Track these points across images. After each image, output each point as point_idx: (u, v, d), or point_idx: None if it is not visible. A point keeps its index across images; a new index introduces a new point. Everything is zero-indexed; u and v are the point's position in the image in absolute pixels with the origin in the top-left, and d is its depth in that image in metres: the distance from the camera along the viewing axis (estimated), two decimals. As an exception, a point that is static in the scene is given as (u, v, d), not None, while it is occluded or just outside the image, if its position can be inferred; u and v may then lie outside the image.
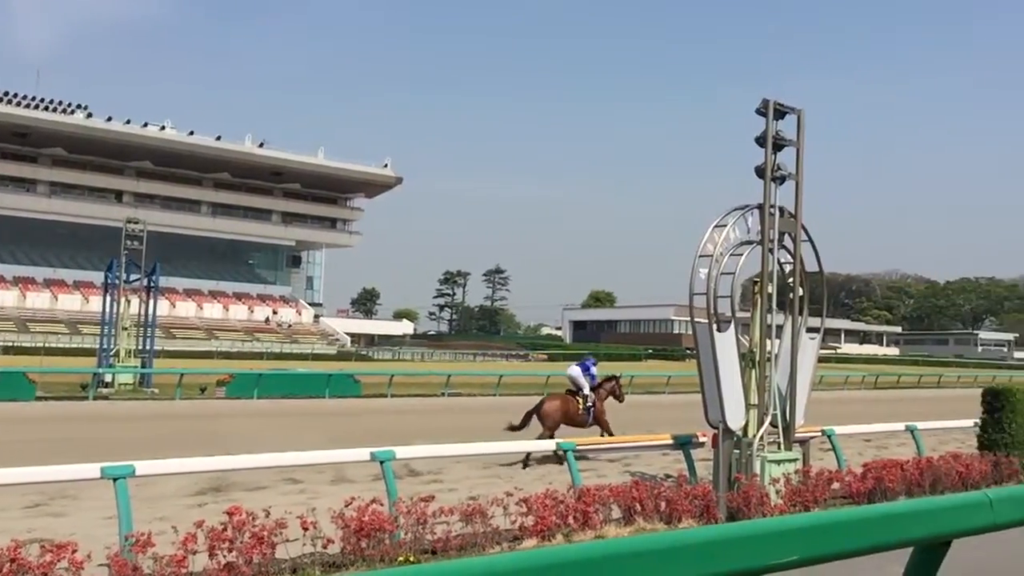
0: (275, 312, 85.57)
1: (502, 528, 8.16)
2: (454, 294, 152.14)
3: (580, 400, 15.39)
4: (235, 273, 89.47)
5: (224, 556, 6.71)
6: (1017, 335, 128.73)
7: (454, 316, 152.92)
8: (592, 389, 15.69)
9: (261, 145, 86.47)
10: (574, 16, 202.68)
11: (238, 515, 6.93)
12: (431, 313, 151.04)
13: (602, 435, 14.76)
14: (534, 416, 14.99)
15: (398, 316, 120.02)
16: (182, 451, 11.62)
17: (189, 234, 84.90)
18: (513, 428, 14.79)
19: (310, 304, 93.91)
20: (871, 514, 2.86)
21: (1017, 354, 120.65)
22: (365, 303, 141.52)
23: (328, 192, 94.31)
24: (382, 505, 7.87)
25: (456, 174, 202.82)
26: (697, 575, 2.51)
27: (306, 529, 7.23)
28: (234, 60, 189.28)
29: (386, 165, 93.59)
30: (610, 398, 16.23)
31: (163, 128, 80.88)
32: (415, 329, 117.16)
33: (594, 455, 12.97)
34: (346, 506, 7.62)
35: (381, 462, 8.78)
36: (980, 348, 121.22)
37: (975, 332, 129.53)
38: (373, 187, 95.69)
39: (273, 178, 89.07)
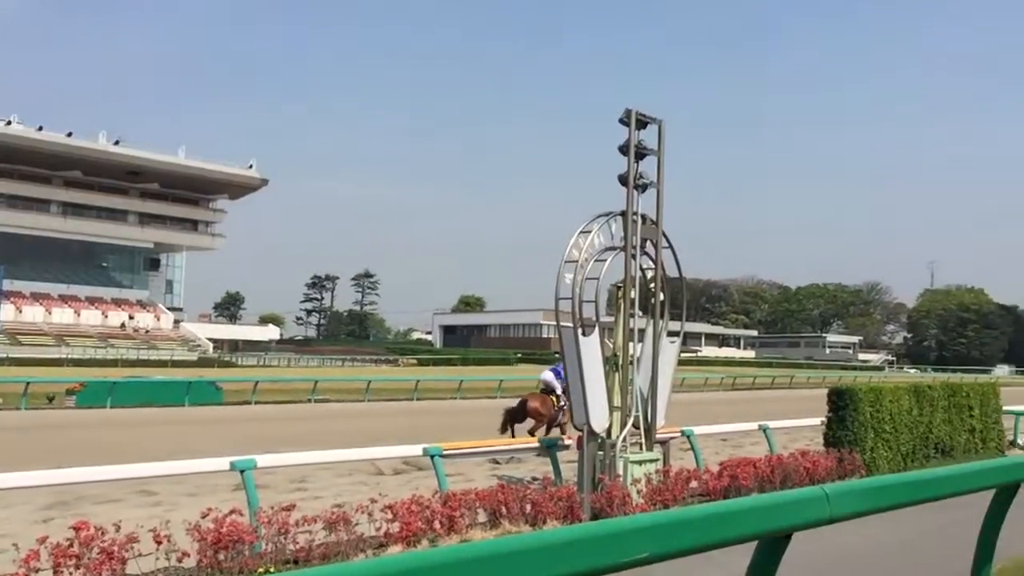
0: (131, 317, 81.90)
1: (367, 535, 8.06)
2: (322, 298, 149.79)
3: (554, 400, 16.90)
4: (88, 276, 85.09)
5: (70, 573, 6.37)
6: (861, 338, 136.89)
7: (322, 321, 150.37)
8: (563, 391, 16.26)
9: (117, 143, 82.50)
10: (445, 15, 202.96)
11: (85, 530, 6.59)
12: (298, 318, 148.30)
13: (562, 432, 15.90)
14: (517, 413, 16.92)
15: (264, 321, 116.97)
16: (26, 464, 10.94)
17: (37, 235, 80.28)
18: (502, 432, 16.49)
19: (169, 309, 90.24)
20: (718, 510, 2.98)
21: (862, 355, 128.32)
22: (229, 308, 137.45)
23: (189, 193, 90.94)
24: (242, 515, 7.64)
25: (326, 177, 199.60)
26: (557, 574, 2.56)
27: (160, 543, 6.94)
28: (91, 54, 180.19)
29: (251, 166, 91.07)
30: None
31: (8, 123, 76.08)
32: (282, 334, 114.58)
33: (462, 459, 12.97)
34: (203, 518, 7.36)
35: (241, 471, 8.52)
36: (828, 350, 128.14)
37: (824, 335, 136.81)
38: (237, 188, 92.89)
39: (130, 177, 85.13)
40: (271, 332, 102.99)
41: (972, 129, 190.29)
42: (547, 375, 17.80)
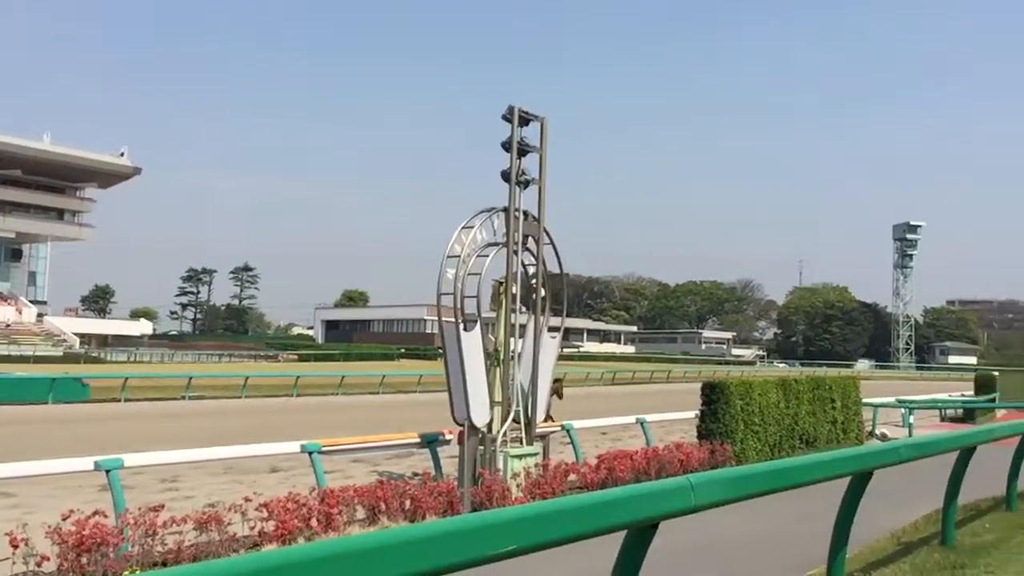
0: (-10, 310, 77.33)
1: (241, 535, 7.86)
2: (198, 292, 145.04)
3: None
4: (-59, 267, 79.83)
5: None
6: (735, 333, 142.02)
7: (198, 315, 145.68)
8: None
9: (-26, 126, 77.58)
10: (340, 15, 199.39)
11: (-68, 537, 6.20)
12: (173, 312, 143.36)
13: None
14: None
15: (135, 315, 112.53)
16: None
17: None
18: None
19: (32, 302, 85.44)
20: (587, 502, 3.04)
21: (735, 350, 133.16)
22: (98, 301, 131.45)
23: (55, 180, 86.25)
24: (107, 517, 7.33)
25: (205, 169, 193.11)
26: (432, 566, 2.56)
27: (16, 547, 6.59)
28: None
29: (122, 154, 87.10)
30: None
31: None
32: (155, 329, 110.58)
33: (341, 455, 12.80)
34: (64, 520, 7.02)
35: (107, 471, 8.17)
36: (704, 346, 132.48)
37: (700, 331, 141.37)
38: (107, 177, 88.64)
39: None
40: (143, 327, 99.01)
41: (843, 135, 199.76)
42: None
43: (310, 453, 10.05)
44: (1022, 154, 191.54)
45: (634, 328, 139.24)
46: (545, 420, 17.68)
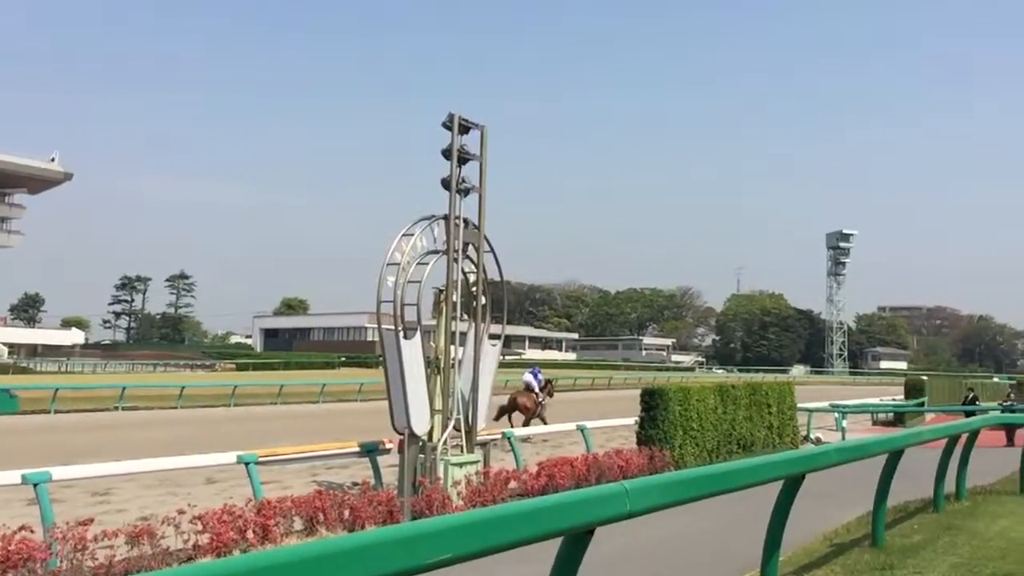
0: (-88, 320, 74.60)
1: (174, 548, 7.71)
2: (133, 300, 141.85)
3: (536, 397, 21.50)
4: None
5: None
6: (675, 340, 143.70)
7: (133, 324, 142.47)
8: (541, 389, 21.88)
9: None
10: (286, 17, 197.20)
11: None
12: (106, 321, 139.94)
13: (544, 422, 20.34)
14: (509, 409, 21.12)
15: (67, 324, 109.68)
16: None
17: None
18: (496, 419, 20.08)
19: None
20: (523, 509, 3.05)
21: (675, 357, 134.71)
22: (27, 310, 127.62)
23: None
24: (34, 532, 7.12)
25: (139, 175, 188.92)
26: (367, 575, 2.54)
27: (-63, 566, 6.37)
28: None
29: (53, 159, 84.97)
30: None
31: None
32: (87, 338, 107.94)
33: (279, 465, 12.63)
34: (-12, 536, 6.81)
35: (34, 485, 7.95)
36: (644, 352, 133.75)
37: (640, 338, 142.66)
38: (37, 182, 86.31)
39: (-91, 167, 77.56)
40: (75, 336, 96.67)
41: (767, 147, 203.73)
42: (527, 377, 22.36)
43: (246, 464, 9.89)
44: (942, 168, 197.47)
45: (575, 335, 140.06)
46: (540, 420, 20.62)
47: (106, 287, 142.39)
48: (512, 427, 18.03)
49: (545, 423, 20.35)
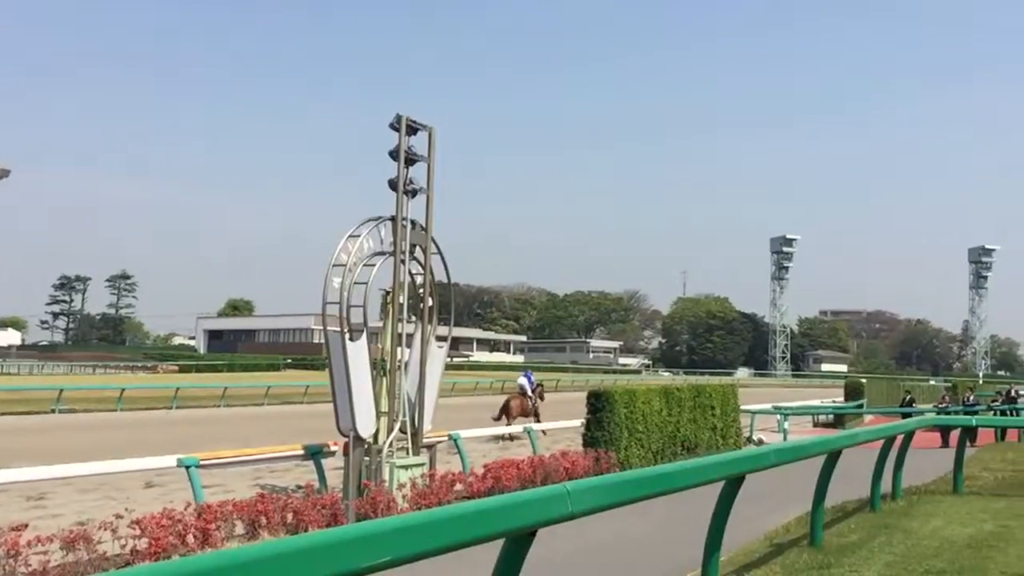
0: None
1: (111, 554, 7.55)
2: (72, 300, 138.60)
3: (529, 400, 23.11)
4: None
5: None
6: (622, 343, 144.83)
7: (72, 325, 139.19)
8: (533, 391, 23.59)
9: None
10: (226, 17, 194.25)
11: None
12: (44, 321, 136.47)
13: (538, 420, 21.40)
14: (504, 409, 22.52)
15: (2, 325, 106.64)
16: None
17: None
18: (496, 419, 21.90)
19: None
20: (464, 511, 3.05)
21: (622, 359, 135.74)
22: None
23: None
24: (-37, 539, 6.92)
25: (79, 173, 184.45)
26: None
27: None
28: None
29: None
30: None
31: None
32: (24, 339, 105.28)
33: (220, 469, 12.45)
34: (-85, 543, 6.60)
35: (-35, 490, 7.72)
36: (592, 355, 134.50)
37: (588, 340, 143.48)
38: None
39: None
40: (11, 337, 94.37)
41: (715, 151, 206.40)
42: (522, 380, 24.09)
43: (187, 467, 9.73)
44: (882, 178, 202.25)
45: (523, 337, 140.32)
46: (535, 419, 21.63)
47: (44, 287, 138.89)
48: (510, 425, 20.56)
49: (539, 421, 21.59)
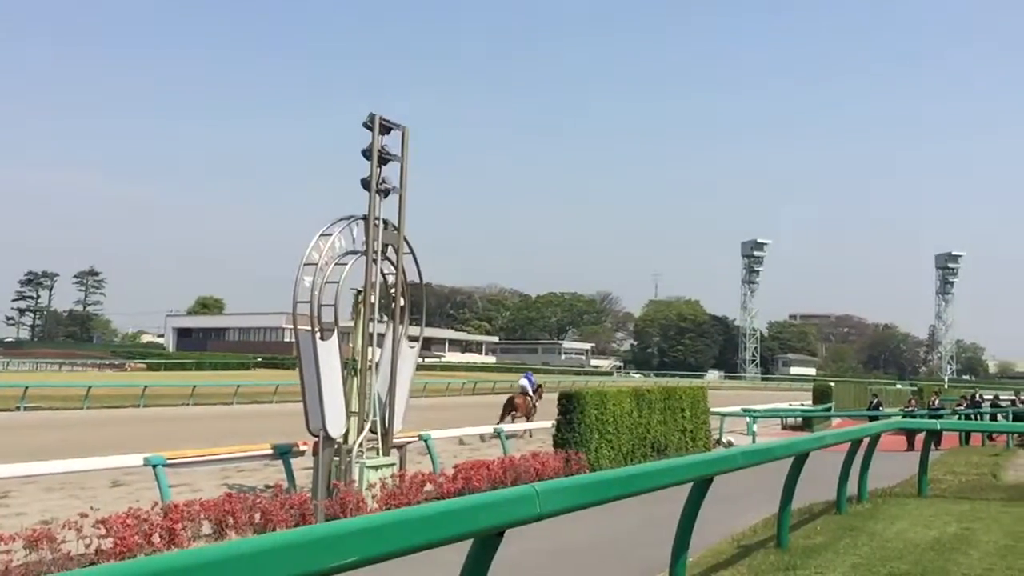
0: None
1: (76, 553, 7.45)
2: (38, 297, 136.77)
3: (530, 399, 23.97)
4: None
5: None
6: (594, 344, 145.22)
7: (38, 321, 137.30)
8: (533, 392, 24.66)
9: None
10: (195, 20, 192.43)
11: None
12: (9, 318, 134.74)
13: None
14: (508, 408, 23.22)
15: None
16: None
17: None
18: (502, 419, 21.87)
19: None
20: (432, 511, 3.05)
21: (594, 361, 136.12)
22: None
23: None
24: (-77, 538, 6.81)
25: (46, 168, 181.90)
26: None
27: None
28: None
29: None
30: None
31: None
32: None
33: (188, 468, 12.33)
34: None
35: (-74, 488, 7.60)
36: (564, 356, 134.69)
37: (560, 342, 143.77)
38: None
39: None
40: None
41: (689, 155, 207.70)
42: (523, 381, 25.12)
43: (154, 466, 9.63)
44: (853, 183, 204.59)
45: (495, 338, 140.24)
46: (530, 418, 22.62)
47: (10, 283, 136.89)
48: (514, 421, 21.54)
49: (529, 420, 22.63)
